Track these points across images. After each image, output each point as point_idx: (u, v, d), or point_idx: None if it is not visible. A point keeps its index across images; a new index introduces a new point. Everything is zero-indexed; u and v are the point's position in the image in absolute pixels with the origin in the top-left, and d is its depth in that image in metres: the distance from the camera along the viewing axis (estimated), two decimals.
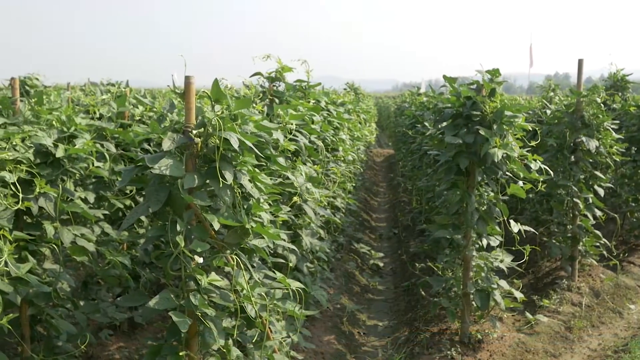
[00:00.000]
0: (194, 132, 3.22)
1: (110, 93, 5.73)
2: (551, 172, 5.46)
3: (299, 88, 6.24)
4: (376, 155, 26.08)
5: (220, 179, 3.18)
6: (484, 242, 5.55)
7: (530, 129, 5.57)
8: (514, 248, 5.69)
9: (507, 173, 5.29)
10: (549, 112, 7.59)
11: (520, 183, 5.35)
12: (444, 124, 5.43)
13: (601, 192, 7.21)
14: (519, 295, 5.67)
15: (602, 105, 6.95)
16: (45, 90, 9.03)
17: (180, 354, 3.22)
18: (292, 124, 4.87)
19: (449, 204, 5.51)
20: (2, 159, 3.48)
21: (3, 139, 3.60)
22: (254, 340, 3.72)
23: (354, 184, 10.38)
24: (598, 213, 7.24)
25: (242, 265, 3.37)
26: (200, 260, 3.16)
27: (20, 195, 3.45)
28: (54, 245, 3.92)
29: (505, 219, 5.40)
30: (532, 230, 5.64)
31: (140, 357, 5.26)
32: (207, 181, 3.26)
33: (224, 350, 3.43)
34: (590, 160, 7.08)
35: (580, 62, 6.83)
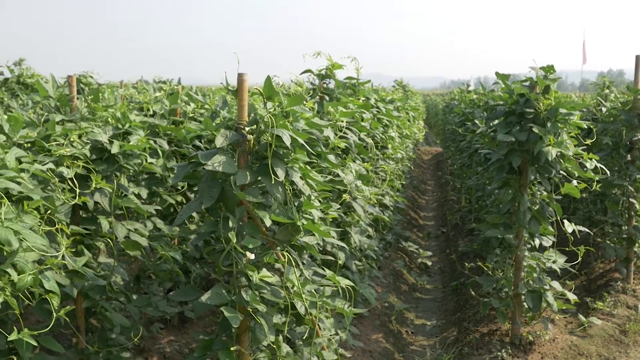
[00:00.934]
0: (247, 129, 3.24)
1: (163, 90, 5.81)
2: (607, 172, 5.32)
3: (349, 85, 6.21)
4: (424, 153, 25.87)
5: (272, 175, 3.19)
6: (537, 242, 5.44)
7: (586, 126, 5.45)
8: (567, 249, 5.57)
9: (561, 172, 5.17)
10: (604, 109, 7.40)
11: (575, 182, 5.22)
12: (496, 121, 5.35)
13: None
14: (571, 297, 5.54)
15: None
16: (99, 88, 9.23)
17: (232, 348, 3.24)
18: (342, 122, 4.86)
19: (500, 202, 5.42)
20: (60, 155, 3.56)
21: (61, 135, 3.68)
22: (303, 337, 3.73)
23: (402, 182, 10.32)
24: None
25: (292, 262, 3.38)
26: (252, 256, 3.18)
27: (77, 191, 3.53)
28: (108, 240, 4.00)
29: (559, 218, 5.28)
30: (587, 230, 5.50)
31: (191, 351, 5.33)
32: (259, 178, 3.27)
33: (274, 346, 3.44)
34: None
35: (637, 58, 6.62)
